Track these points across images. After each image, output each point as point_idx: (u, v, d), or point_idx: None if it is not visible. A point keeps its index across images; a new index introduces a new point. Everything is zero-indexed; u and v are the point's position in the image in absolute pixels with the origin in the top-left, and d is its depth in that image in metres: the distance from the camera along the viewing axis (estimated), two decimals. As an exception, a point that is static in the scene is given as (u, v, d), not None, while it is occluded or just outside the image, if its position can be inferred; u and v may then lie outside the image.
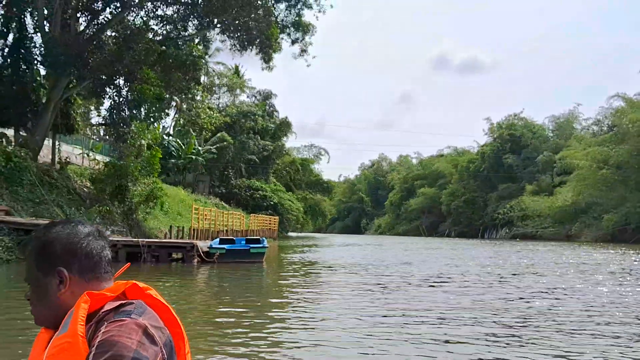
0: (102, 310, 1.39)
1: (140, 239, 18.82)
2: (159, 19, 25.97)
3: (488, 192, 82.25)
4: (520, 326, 8.13)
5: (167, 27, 26.47)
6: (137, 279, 1.52)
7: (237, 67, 66.42)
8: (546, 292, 12.23)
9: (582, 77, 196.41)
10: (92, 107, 37.11)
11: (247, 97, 67.83)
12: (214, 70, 60.15)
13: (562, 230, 64.32)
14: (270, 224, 51.58)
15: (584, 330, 7.94)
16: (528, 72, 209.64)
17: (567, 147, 71.26)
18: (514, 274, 16.70)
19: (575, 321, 8.61)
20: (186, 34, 26.66)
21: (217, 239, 22.04)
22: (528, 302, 10.72)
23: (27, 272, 1.54)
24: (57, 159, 25.38)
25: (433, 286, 13.35)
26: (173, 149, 50.02)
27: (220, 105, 63.26)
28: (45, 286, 1.51)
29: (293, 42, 28.09)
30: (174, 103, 40.65)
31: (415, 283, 13.92)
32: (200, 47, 28.52)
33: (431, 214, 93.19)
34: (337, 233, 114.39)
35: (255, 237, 24.41)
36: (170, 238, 24.65)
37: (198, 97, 40.25)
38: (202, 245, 19.52)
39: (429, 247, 39.59)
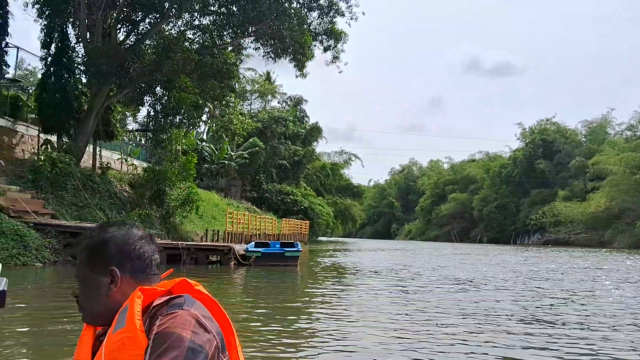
0: (154, 305, 1.43)
1: (179, 242, 19.48)
2: (196, 28, 26.70)
3: (520, 198, 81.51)
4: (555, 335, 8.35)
5: (203, 36, 27.18)
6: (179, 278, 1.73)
7: (268, 74, 67.27)
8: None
9: (615, 81, 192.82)
10: (128, 114, 38.09)
11: (278, 102, 68.66)
12: (245, 77, 61.01)
13: (595, 237, 63.45)
14: (301, 228, 52.09)
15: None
16: (560, 75, 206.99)
17: (600, 152, 70.34)
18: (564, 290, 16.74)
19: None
20: (221, 42, 27.32)
21: (253, 243, 22.56)
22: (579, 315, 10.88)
23: (78, 270, 1.59)
24: (98, 164, 26.23)
25: (465, 290, 13.58)
26: (206, 154, 50.95)
27: (252, 111, 64.13)
28: (96, 284, 1.54)
29: (325, 50, 28.41)
30: (207, 109, 41.41)
31: (449, 288, 14.16)
32: (234, 55, 29.12)
33: (462, 220, 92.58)
34: (367, 238, 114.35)
35: (289, 241, 24.87)
36: (207, 241, 25.27)
37: (231, 104, 41.02)
38: (238, 248, 20.05)
39: (460, 252, 39.53)
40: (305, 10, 26.44)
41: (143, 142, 43.43)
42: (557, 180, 77.21)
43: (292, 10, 25.29)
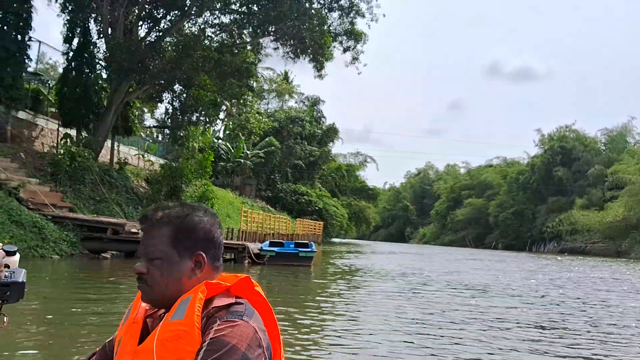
0: (213, 306, 1.41)
1: (194, 239, 19.54)
2: (216, 26, 26.81)
3: (537, 205, 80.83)
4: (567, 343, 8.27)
5: (223, 34, 27.30)
6: None
7: (286, 73, 67.38)
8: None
9: (637, 89, 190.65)
10: (146, 110, 38.38)
11: (296, 102, 68.69)
12: (263, 76, 61.17)
13: (612, 246, 62.77)
14: (315, 229, 52.05)
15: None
16: (582, 82, 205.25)
17: (620, 161, 69.54)
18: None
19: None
20: (240, 41, 27.41)
21: (267, 242, 22.59)
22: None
23: (155, 246, 1.50)
24: (115, 159, 26.44)
25: (478, 296, 13.50)
26: (222, 152, 51.11)
27: (268, 110, 64.26)
28: (178, 266, 1.50)
29: (345, 50, 28.38)
30: (224, 107, 41.63)
31: (461, 294, 14.08)
32: (253, 54, 29.21)
33: (478, 225, 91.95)
34: (380, 241, 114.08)
35: (304, 242, 24.86)
36: (221, 239, 25.31)
37: (248, 102, 41.18)
38: (253, 247, 20.09)
39: (476, 258, 39.30)
40: (326, 10, 26.46)
41: (160, 138, 43.78)
42: (575, 188, 76.48)
43: (313, 11, 25.31)
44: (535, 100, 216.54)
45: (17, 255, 1.64)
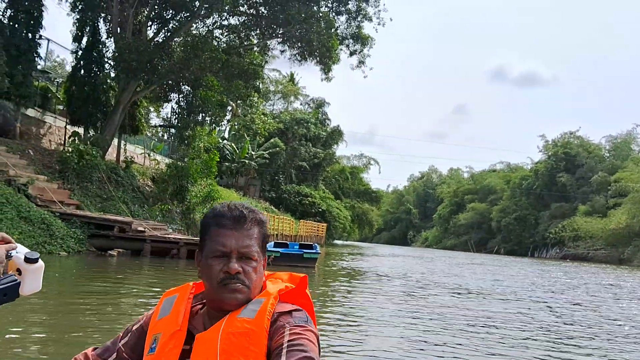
0: (277, 311, 1.47)
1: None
2: (224, 28, 27.01)
3: (540, 211, 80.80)
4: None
5: (231, 36, 27.49)
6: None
7: (292, 75, 67.54)
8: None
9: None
10: (152, 109, 38.58)
11: (301, 104, 68.84)
12: (269, 77, 61.31)
13: (614, 254, 62.72)
14: (318, 230, 52.19)
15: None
16: (587, 88, 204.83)
17: (624, 168, 69.48)
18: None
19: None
20: (248, 43, 27.60)
21: (272, 243, 22.74)
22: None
23: (249, 248, 1.53)
24: (122, 157, 26.64)
25: (478, 300, 13.62)
26: (227, 152, 51.28)
27: (274, 112, 64.41)
28: (261, 266, 1.56)
29: (351, 54, 28.56)
30: (229, 108, 41.82)
31: (463, 298, 14.20)
32: (260, 56, 29.39)
33: (480, 230, 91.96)
34: (382, 243, 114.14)
35: (308, 243, 25.01)
36: (225, 239, 25.48)
37: (254, 104, 41.33)
38: (257, 246, 20.21)
39: (478, 263, 39.38)
40: (334, 14, 26.63)
41: (166, 137, 43.98)
42: (578, 195, 76.44)
43: (321, 14, 25.48)
44: (540, 106, 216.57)
45: (41, 263, 1.60)
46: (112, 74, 25.21)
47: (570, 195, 77.51)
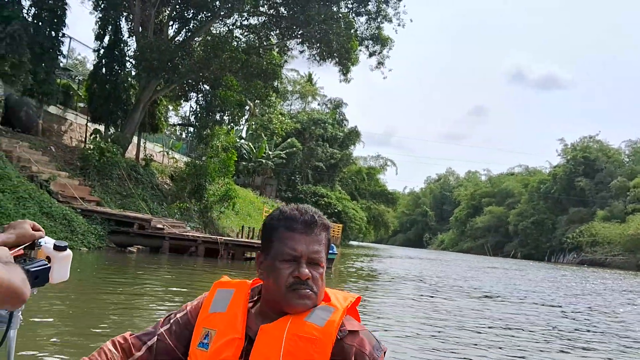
0: (345, 327, 1.47)
1: (218, 237, 19.91)
2: (244, 28, 27.14)
3: (558, 215, 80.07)
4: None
5: (251, 36, 27.60)
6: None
7: (310, 75, 67.56)
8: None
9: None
10: (170, 107, 38.88)
11: (318, 104, 68.87)
12: (287, 77, 61.43)
13: (632, 260, 61.97)
14: (334, 231, 52.20)
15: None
16: (607, 92, 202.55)
17: (644, 174, 68.66)
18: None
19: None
20: (267, 43, 27.69)
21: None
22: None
23: (318, 254, 1.52)
24: (142, 155, 26.88)
25: (495, 304, 13.57)
26: (245, 152, 51.49)
27: (291, 112, 64.54)
28: (324, 271, 1.55)
29: (371, 55, 28.50)
30: (247, 107, 42.01)
31: (480, 302, 14.16)
32: (279, 56, 29.48)
33: (497, 233, 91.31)
34: (398, 245, 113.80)
35: (325, 244, 24.98)
36: (242, 237, 25.66)
37: (272, 104, 41.47)
38: (274, 247, 20.30)
39: (497, 267, 39.15)
40: (353, 15, 26.62)
41: (184, 136, 44.28)
42: (596, 200, 75.66)
43: (340, 15, 25.49)
44: (559, 109, 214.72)
45: (69, 252, 1.65)
46: (133, 73, 25.45)
47: (588, 200, 76.74)
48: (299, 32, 26.52)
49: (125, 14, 25.47)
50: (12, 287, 1.37)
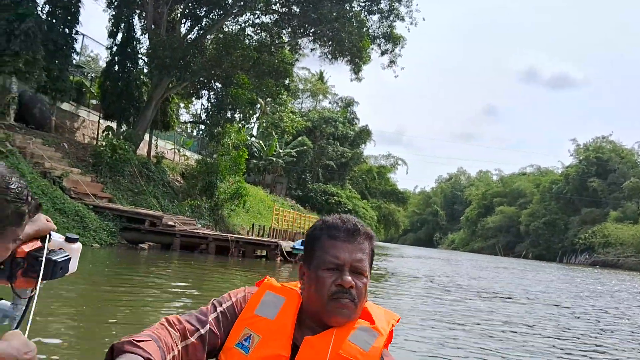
0: (383, 355, 1.47)
1: (229, 235, 19.96)
2: (256, 26, 27.16)
3: (570, 216, 79.62)
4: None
5: (263, 34, 27.62)
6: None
7: (321, 73, 67.47)
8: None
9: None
10: (182, 105, 39.01)
11: (329, 103, 68.82)
12: (298, 76, 61.42)
13: (645, 260, 61.57)
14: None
15: None
16: (620, 93, 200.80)
17: (657, 174, 68.08)
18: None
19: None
20: (279, 41, 27.69)
21: (299, 241, 22.80)
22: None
23: (362, 262, 1.50)
24: (153, 153, 26.99)
25: (511, 305, 13.50)
26: (255, 150, 51.56)
27: (302, 110, 64.53)
28: (368, 282, 1.53)
29: (383, 53, 28.35)
30: (258, 105, 42.10)
31: (493, 300, 14.09)
32: (291, 54, 29.47)
33: (508, 234, 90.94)
34: (408, 245, 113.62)
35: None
36: (252, 235, 25.70)
37: (282, 102, 41.49)
38: (285, 245, 20.35)
39: (508, 267, 38.97)
40: (366, 13, 26.53)
41: (195, 133, 44.42)
42: (609, 201, 75.14)
43: (353, 14, 25.42)
44: (572, 109, 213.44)
45: (79, 244, 1.68)
46: (146, 70, 25.56)
47: (601, 201, 76.24)
48: (311, 31, 26.49)
49: (138, 11, 25.58)
50: None
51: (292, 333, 1.47)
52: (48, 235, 1.71)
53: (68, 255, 1.70)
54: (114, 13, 25.09)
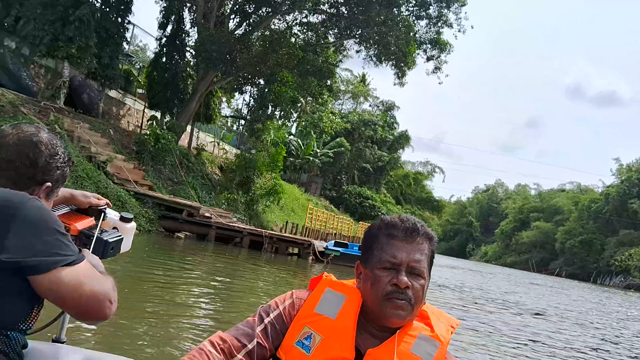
0: None
1: (263, 230, 20.15)
2: (304, 25, 27.32)
3: (607, 236, 77.75)
4: None
5: (309, 33, 27.77)
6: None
7: (364, 76, 67.34)
8: None
9: None
10: (224, 99, 39.43)
11: (370, 106, 68.64)
12: (340, 77, 61.41)
13: (682, 287, 59.78)
14: (376, 234, 51.86)
15: None
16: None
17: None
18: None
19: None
20: (324, 41, 27.79)
21: (332, 242, 22.86)
22: None
23: (419, 263, 1.48)
24: (194, 144, 27.39)
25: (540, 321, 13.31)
26: (293, 148, 51.78)
27: (342, 111, 64.51)
28: (427, 284, 1.51)
29: (428, 59, 28.19)
30: (299, 104, 42.26)
31: (529, 317, 13.91)
32: (335, 55, 29.54)
33: (543, 250, 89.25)
34: (440, 254, 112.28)
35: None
36: (285, 233, 25.87)
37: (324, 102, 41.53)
38: (318, 245, 20.44)
39: (541, 284, 38.30)
40: (414, 18, 26.42)
41: (235, 128, 44.87)
42: (649, 223, 73.19)
43: (401, 18, 25.35)
44: (617, 127, 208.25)
45: (133, 223, 1.81)
46: (192, 63, 25.94)
47: (640, 223, 74.29)
48: (357, 33, 26.51)
49: (189, 4, 25.99)
50: (107, 298, 1.45)
51: (354, 334, 1.44)
52: (103, 214, 1.81)
53: (120, 236, 1.78)
54: (165, 5, 25.53)
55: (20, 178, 1.50)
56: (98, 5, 21.76)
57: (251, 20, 26.14)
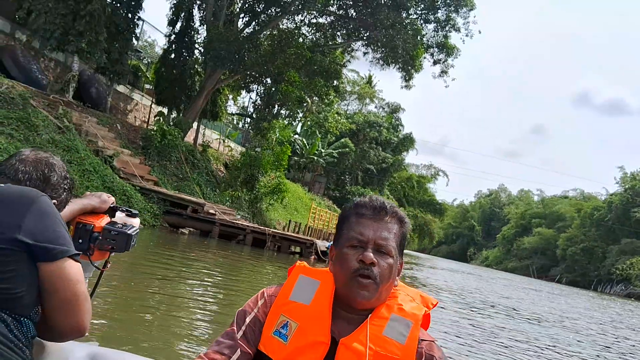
0: (422, 338, 1.45)
1: (266, 228, 20.31)
2: (312, 26, 27.47)
3: (609, 244, 77.71)
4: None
5: (317, 34, 27.92)
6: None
7: (370, 77, 67.48)
8: None
9: None
10: (231, 97, 39.62)
11: (375, 107, 68.74)
12: (346, 77, 61.53)
13: (685, 298, 59.74)
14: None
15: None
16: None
17: None
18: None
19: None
20: (332, 42, 27.93)
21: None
22: None
23: (386, 241, 1.47)
24: (200, 141, 27.57)
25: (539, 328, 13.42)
26: (297, 147, 51.92)
27: (347, 112, 64.63)
28: (395, 270, 1.49)
29: (435, 63, 28.32)
30: (305, 104, 42.38)
31: (522, 324, 14.02)
32: (342, 56, 29.68)
33: (544, 256, 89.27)
34: (441, 257, 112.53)
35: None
36: (288, 231, 26.02)
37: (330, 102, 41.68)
38: (320, 244, 20.57)
39: (542, 289, 38.36)
40: (422, 22, 26.54)
41: (240, 125, 45.06)
42: (652, 233, 73.15)
43: (409, 21, 25.47)
44: (622, 136, 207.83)
45: (138, 219, 1.95)
46: (201, 60, 26.13)
47: (643, 232, 74.25)
48: (365, 35, 26.64)
49: (198, 2, 26.17)
50: (90, 311, 1.62)
51: (329, 317, 1.44)
52: (114, 211, 1.99)
53: (137, 229, 1.96)
54: (175, 2, 25.73)
55: None
56: (109, 0, 21.95)
57: (260, 20, 26.31)
